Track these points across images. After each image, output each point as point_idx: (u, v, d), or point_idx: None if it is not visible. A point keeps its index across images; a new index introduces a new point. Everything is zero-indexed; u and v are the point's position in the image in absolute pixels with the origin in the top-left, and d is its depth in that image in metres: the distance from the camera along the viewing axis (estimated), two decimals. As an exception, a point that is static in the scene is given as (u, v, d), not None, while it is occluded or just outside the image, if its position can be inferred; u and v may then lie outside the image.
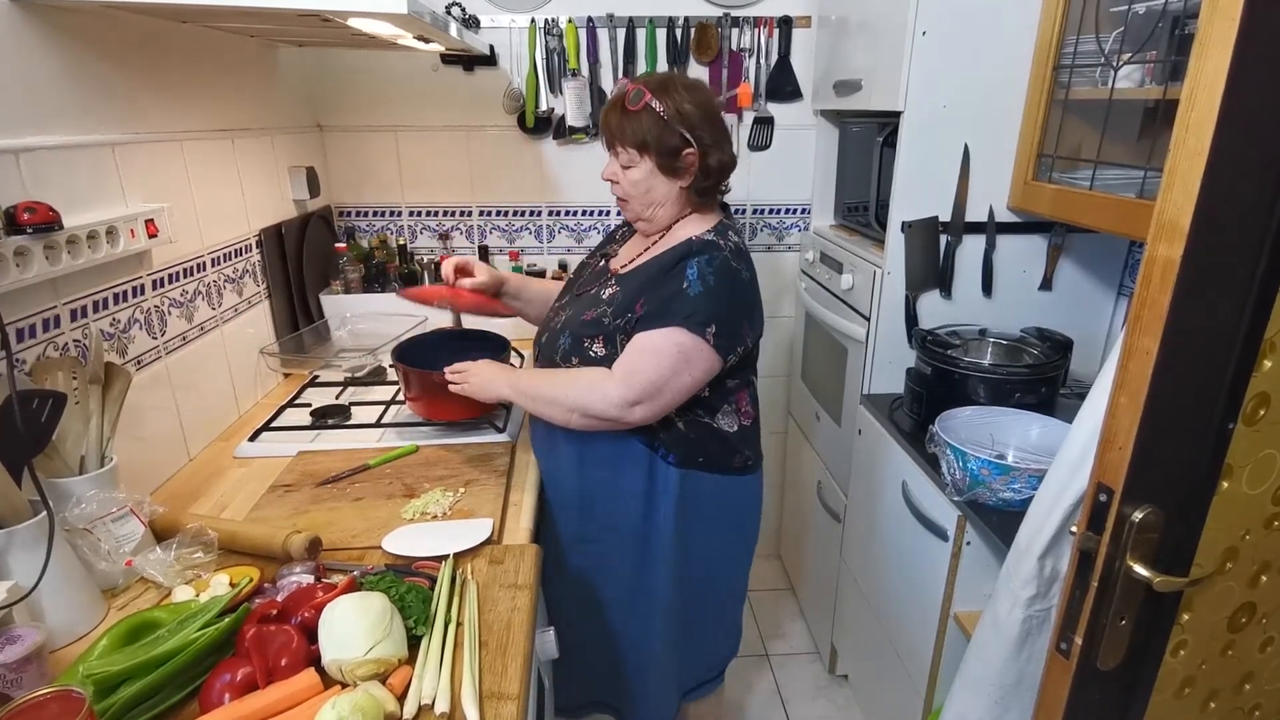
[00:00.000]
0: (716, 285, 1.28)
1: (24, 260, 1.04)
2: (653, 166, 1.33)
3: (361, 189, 2.35)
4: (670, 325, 1.27)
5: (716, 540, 1.49)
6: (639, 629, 1.53)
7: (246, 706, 0.83)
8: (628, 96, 1.31)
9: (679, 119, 1.30)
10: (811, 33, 2.24)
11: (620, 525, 1.45)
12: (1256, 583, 0.93)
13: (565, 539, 1.50)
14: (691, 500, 1.42)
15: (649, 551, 1.46)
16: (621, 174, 1.37)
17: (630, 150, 1.33)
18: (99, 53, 1.26)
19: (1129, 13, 1.37)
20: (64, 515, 1.02)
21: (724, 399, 1.40)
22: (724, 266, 1.29)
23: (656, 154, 1.32)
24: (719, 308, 1.28)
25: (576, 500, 1.46)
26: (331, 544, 1.20)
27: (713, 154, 1.34)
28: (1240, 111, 0.68)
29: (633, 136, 1.31)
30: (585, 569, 1.50)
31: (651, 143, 1.31)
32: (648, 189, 1.36)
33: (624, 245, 1.53)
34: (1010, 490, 1.35)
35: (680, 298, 1.27)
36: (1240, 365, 0.78)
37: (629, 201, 1.39)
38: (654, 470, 1.40)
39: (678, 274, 1.29)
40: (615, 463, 1.40)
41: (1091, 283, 1.83)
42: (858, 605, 1.99)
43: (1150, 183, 1.34)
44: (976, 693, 1.25)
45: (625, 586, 1.50)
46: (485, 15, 2.18)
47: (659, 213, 1.39)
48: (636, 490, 1.41)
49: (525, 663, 0.96)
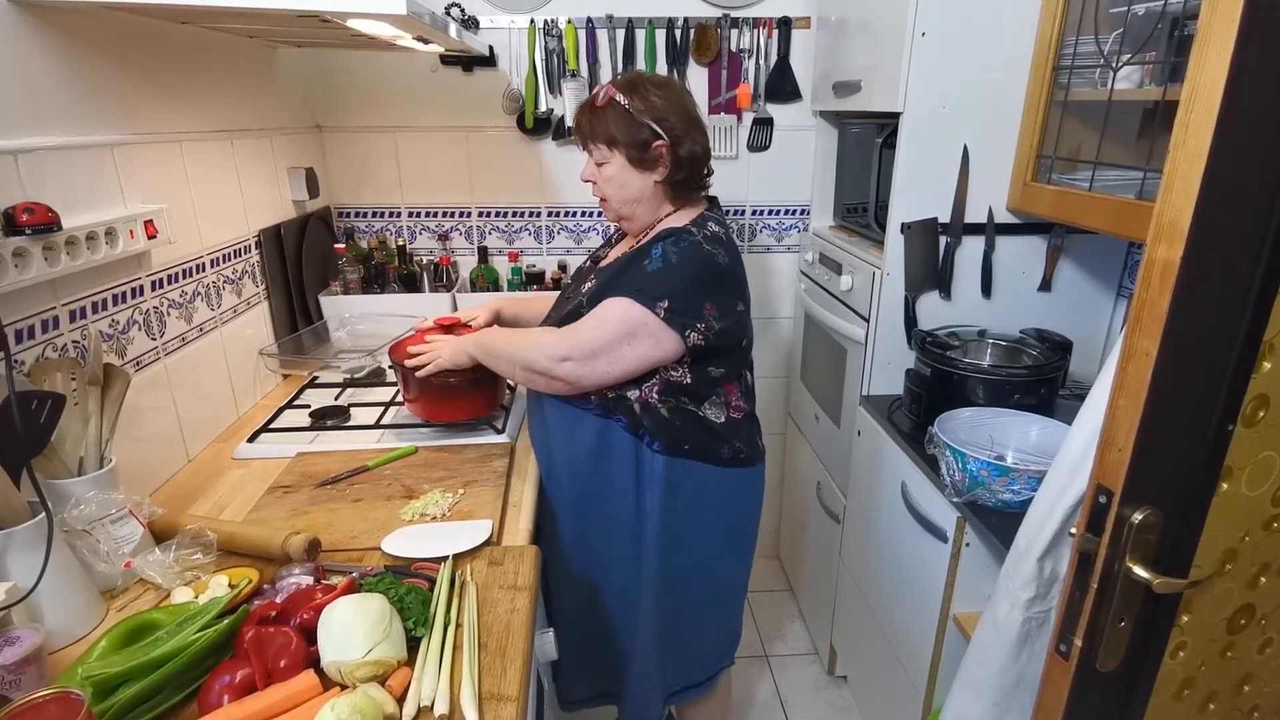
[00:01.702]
0: (678, 263, 1.31)
1: (23, 261, 1.04)
2: (624, 161, 1.36)
3: (361, 190, 2.35)
4: (620, 295, 1.31)
5: (703, 532, 1.49)
6: (629, 620, 1.54)
7: (245, 708, 0.83)
8: (596, 96, 1.38)
9: (645, 111, 1.34)
10: (811, 34, 2.24)
11: (614, 516, 1.46)
12: (1256, 584, 0.93)
13: (567, 535, 1.51)
14: (679, 489, 1.42)
15: (639, 541, 1.47)
16: (597, 172, 1.40)
17: (601, 146, 1.37)
18: (98, 53, 1.26)
19: (1128, 14, 1.37)
20: (63, 516, 1.02)
21: (709, 388, 1.40)
22: (691, 247, 1.32)
23: (626, 147, 1.35)
24: (675, 283, 1.30)
25: (573, 496, 1.47)
26: (330, 545, 1.20)
27: (683, 144, 1.36)
28: (1240, 113, 0.68)
29: (602, 132, 1.36)
30: (586, 562, 1.52)
31: (620, 136, 1.35)
32: (622, 184, 1.38)
33: (615, 248, 1.56)
34: (1009, 491, 1.35)
35: (638, 272, 1.32)
36: (1239, 367, 0.78)
37: (608, 201, 1.42)
38: (640, 458, 1.41)
39: (644, 254, 1.34)
40: (601, 454, 1.41)
41: (1091, 284, 1.83)
42: (857, 606, 1.99)
43: (1150, 184, 1.34)
44: (976, 694, 1.25)
45: (620, 577, 1.51)
46: (484, 16, 2.18)
47: (638, 210, 1.41)
48: (625, 480, 1.42)
49: (524, 664, 0.96)
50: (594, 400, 1.39)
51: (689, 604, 1.55)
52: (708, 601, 1.58)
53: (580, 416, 1.41)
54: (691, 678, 1.65)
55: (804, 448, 2.42)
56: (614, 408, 1.39)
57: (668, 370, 1.36)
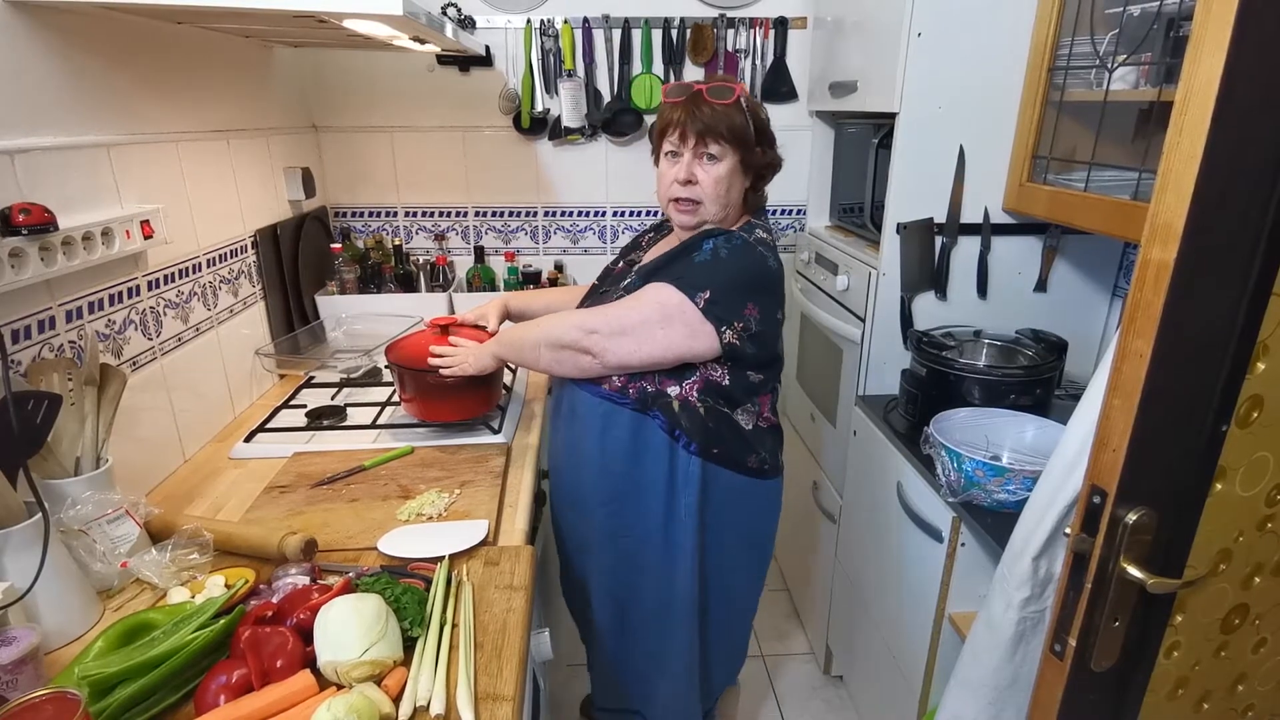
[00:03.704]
0: (727, 258, 1.28)
1: (19, 261, 1.04)
2: (736, 163, 1.31)
3: (357, 190, 2.35)
4: (661, 281, 1.29)
5: (732, 542, 1.47)
6: (667, 628, 1.50)
7: (242, 708, 0.83)
8: (715, 89, 1.29)
9: (756, 116, 1.31)
10: (807, 34, 2.24)
11: (647, 520, 1.42)
12: (1249, 584, 0.93)
13: (595, 539, 1.48)
14: (711, 494, 1.40)
15: (674, 547, 1.43)
16: (703, 171, 1.31)
17: (723, 144, 1.29)
18: (94, 53, 1.26)
19: (1124, 15, 1.38)
20: (59, 516, 1.02)
21: (747, 394, 1.37)
22: (741, 245, 1.30)
23: (743, 148, 1.30)
24: (719, 277, 1.27)
25: (603, 499, 1.43)
26: (327, 545, 1.20)
27: (770, 154, 1.36)
28: (1235, 113, 0.69)
29: (730, 129, 1.28)
30: (615, 568, 1.48)
31: (743, 136, 1.29)
32: (728, 187, 1.32)
33: (650, 250, 1.52)
34: (1005, 491, 1.35)
35: (684, 264, 1.30)
36: (1234, 367, 0.78)
37: (703, 204, 1.33)
38: (675, 460, 1.37)
39: (692, 248, 1.32)
40: (636, 454, 1.38)
41: (1086, 284, 1.84)
42: (853, 606, 2.00)
43: (1145, 185, 1.35)
44: (971, 694, 1.25)
45: (654, 583, 1.47)
46: (481, 16, 2.18)
47: (728, 214, 1.36)
48: (658, 480, 1.38)
49: (520, 664, 0.96)
50: (632, 394, 1.35)
51: (718, 612, 1.53)
52: (734, 612, 1.56)
53: (615, 412, 1.36)
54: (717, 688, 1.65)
55: (800, 448, 2.42)
56: (652, 403, 1.34)
57: (708, 368, 1.33)
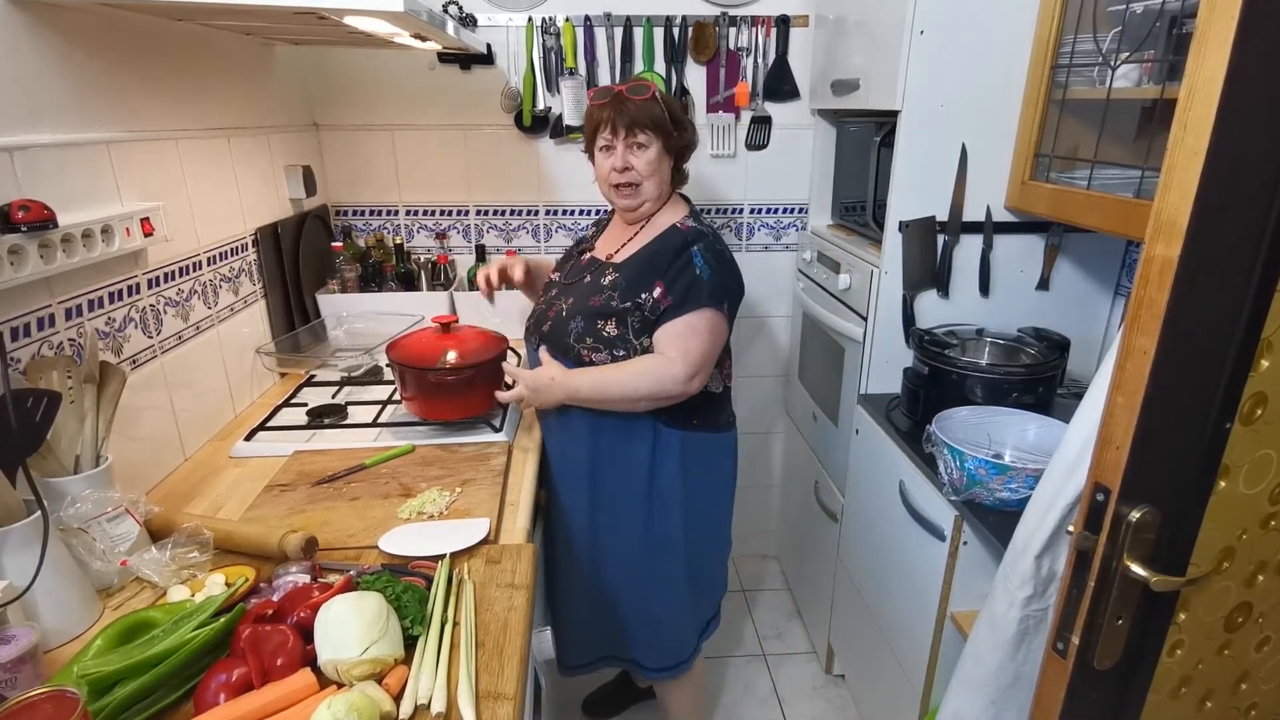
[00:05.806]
0: (719, 265, 1.49)
1: (18, 259, 1.04)
2: (660, 147, 1.50)
3: (358, 188, 2.35)
4: (702, 308, 1.46)
5: (713, 491, 1.67)
6: (657, 578, 1.64)
7: (242, 707, 0.82)
8: (633, 87, 1.50)
9: (670, 107, 1.51)
10: (809, 32, 2.23)
11: (630, 486, 1.57)
12: (1253, 582, 0.93)
13: (575, 507, 1.61)
14: (692, 458, 1.57)
15: (658, 507, 1.59)
16: (635, 158, 1.50)
17: (648, 132, 1.48)
18: (94, 50, 1.26)
19: (1127, 12, 1.37)
20: (59, 515, 1.01)
21: (719, 363, 1.56)
22: (718, 250, 1.51)
23: (664, 135, 1.50)
24: (725, 284, 1.49)
25: (588, 468, 1.57)
26: (327, 544, 1.19)
27: (687, 136, 1.56)
28: (1239, 110, 0.68)
29: (651, 119, 1.48)
30: (597, 532, 1.62)
31: (663, 124, 1.49)
32: (658, 167, 1.52)
33: (600, 239, 1.66)
34: (1007, 490, 1.35)
35: (699, 283, 1.46)
36: (1237, 365, 0.78)
37: (641, 184, 1.52)
38: (657, 438, 1.54)
39: (686, 261, 1.47)
40: (626, 430, 1.53)
41: (1089, 282, 1.83)
42: (854, 605, 1.99)
43: (1148, 182, 1.34)
44: (973, 692, 1.25)
45: (638, 542, 1.61)
46: (482, 14, 2.17)
47: (664, 192, 1.56)
48: (642, 457, 1.55)
49: (522, 662, 0.96)
50: None
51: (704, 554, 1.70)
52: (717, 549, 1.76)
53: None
54: (708, 613, 1.81)
55: (802, 447, 2.42)
56: None
57: None
